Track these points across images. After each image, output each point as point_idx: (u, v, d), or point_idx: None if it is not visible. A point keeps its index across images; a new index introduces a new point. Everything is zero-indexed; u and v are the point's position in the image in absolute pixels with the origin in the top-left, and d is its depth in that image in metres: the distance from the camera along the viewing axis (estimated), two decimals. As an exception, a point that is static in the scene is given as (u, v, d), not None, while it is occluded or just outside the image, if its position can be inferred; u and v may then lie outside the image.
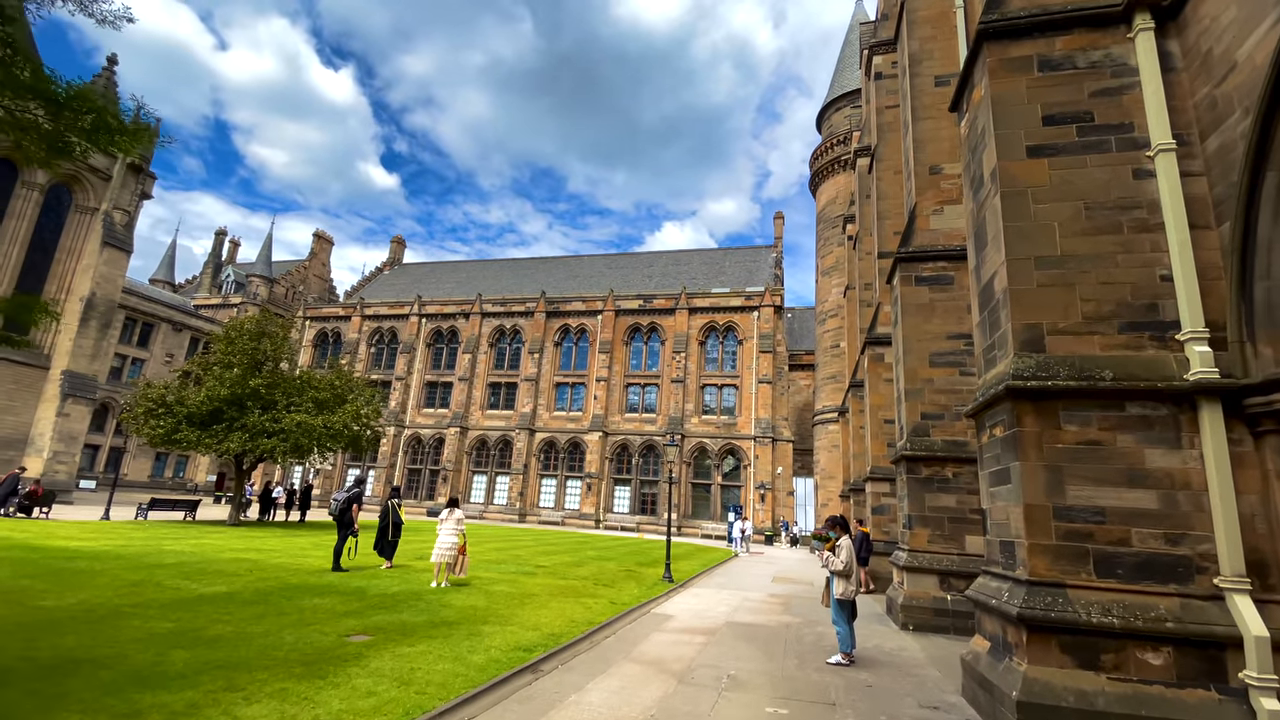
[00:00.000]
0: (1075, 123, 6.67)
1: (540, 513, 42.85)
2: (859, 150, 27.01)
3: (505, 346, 47.84)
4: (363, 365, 49.26)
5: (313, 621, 8.11)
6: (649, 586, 14.48)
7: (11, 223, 26.86)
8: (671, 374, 42.84)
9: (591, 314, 46.08)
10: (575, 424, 43.86)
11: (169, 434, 20.92)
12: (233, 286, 57.64)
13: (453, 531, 12.25)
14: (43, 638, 6.21)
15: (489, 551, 19.06)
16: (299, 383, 23.97)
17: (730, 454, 40.96)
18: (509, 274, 56.92)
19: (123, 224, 30.17)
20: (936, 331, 12.22)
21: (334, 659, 6.50)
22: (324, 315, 51.61)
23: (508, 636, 8.26)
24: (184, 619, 7.64)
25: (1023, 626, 5.44)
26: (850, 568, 8.35)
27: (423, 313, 48.92)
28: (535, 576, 14.31)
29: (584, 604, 11.22)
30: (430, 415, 47.21)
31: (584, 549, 22.38)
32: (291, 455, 22.98)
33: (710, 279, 49.27)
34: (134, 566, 11.03)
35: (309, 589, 10.46)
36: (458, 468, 44.61)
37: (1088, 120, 6.62)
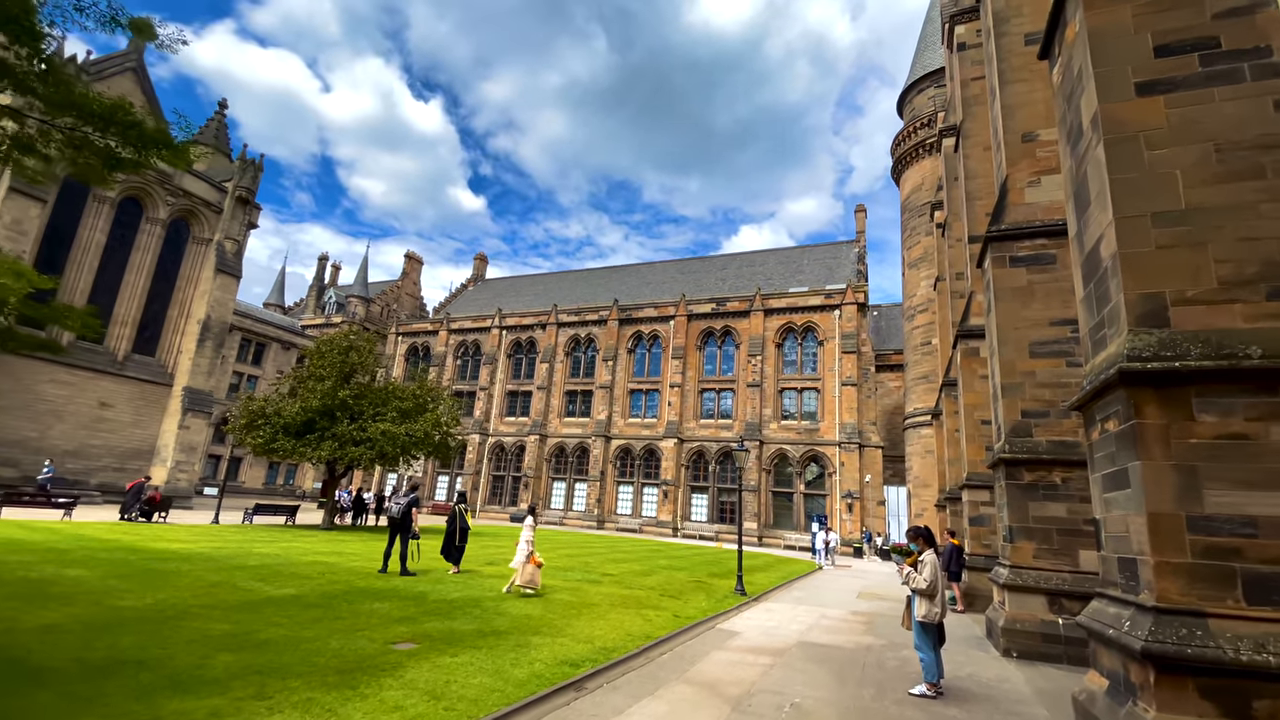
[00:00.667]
0: (1196, 51, 5.47)
1: (618, 519, 42.75)
2: (944, 130, 25.09)
3: (580, 355, 48.38)
4: (450, 377, 51.40)
5: (364, 627, 8.07)
6: (718, 599, 13.72)
7: (138, 255, 30.13)
8: (747, 378, 41.60)
9: (663, 320, 45.71)
10: (650, 431, 43.52)
11: (267, 443, 22.44)
12: (334, 307, 62.09)
13: (523, 540, 12.09)
14: (104, 638, 6.43)
15: (559, 558, 18.93)
16: (384, 393, 25.08)
17: (813, 461, 39.12)
18: (583, 284, 57.69)
19: (233, 252, 33.09)
20: (1036, 318, 10.77)
21: (372, 668, 6.33)
22: (414, 330, 54.43)
23: (557, 649, 7.86)
24: (243, 621, 7.80)
25: (1149, 664, 4.37)
26: (935, 586, 7.32)
27: (503, 325, 50.45)
28: (600, 585, 13.93)
29: (644, 616, 10.68)
30: (511, 423, 48.46)
31: (656, 558, 21.85)
32: (378, 462, 24.03)
33: (787, 279, 47.59)
34: (218, 568, 11.64)
35: (372, 593, 10.58)
36: (538, 474, 45.42)
37: (1212, 47, 5.41)
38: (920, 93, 42.87)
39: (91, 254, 28.41)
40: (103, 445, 27.93)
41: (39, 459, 25.67)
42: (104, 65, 32.29)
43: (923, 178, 41.60)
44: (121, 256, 29.67)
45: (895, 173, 46.03)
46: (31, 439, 25.65)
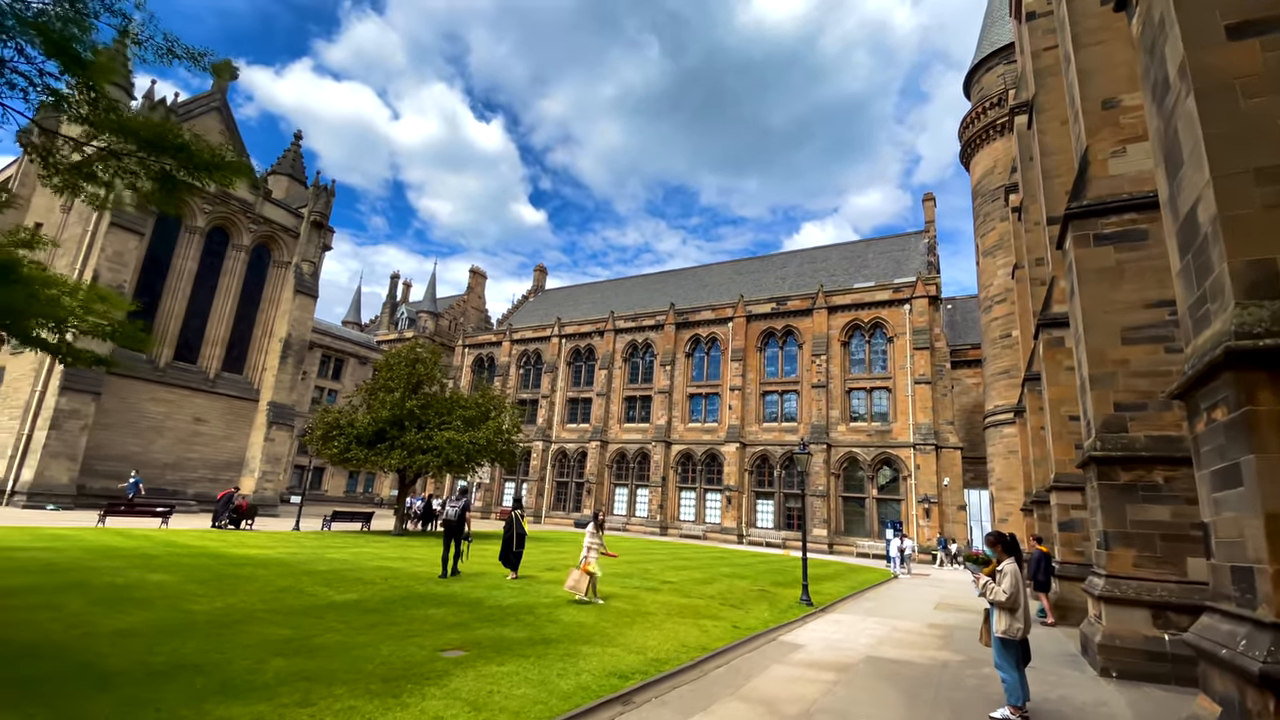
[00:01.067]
0: (1289, -12, 4.70)
1: (681, 526, 42.29)
2: (1016, 108, 23.48)
3: (638, 361, 48.37)
4: (513, 385, 52.59)
5: (417, 633, 8.12)
6: (782, 610, 13.13)
7: (225, 279, 32.46)
8: (812, 379, 40.29)
9: (721, 322, 45.03)
10: (711, 435, 42.88)
11: (341, 453, 23.51)
12: (406, 322, 64.96)
13: (584, 547, 11.96)
14: (170, 642, 6.72)
15: (618, 565, 18.75)
16: (449, 402, 25.82)
17: (886, 464, 37.35)
18: (640, 290, 57.76)
19: (309, 273, 35.13)
20: (1128, 300, 9.71)
21: (417, 676, 6.31)
22: (479, 342, 56.12)
23: (607, 660, 7.64)
24: (303, 626, 8.01)
25: (1268, 690, 3.69)
26: (1016, 598, 6.61)
27: (562, 333, 51.17)
28: (658, 593, 13.64)
29: (702, 626, 10.31)
30: (573, 430, 48.98)
31: (718, 565, 21.33)
32: (446, 469, 24.74)
33: (851, 274, 45.89)
34: (288, 573, 12.14)
35: (430, 598, 10.72)
36: (600, 480, 45.63)
37: (1306, -18, 4.64)
38: (989, 71, 40.45)
39: (184, 281, 30.84)
40: (198, 458, 30.17)
41: (145, 472, 27.97)
42: (191, 106, 35.08)
43: (994, 160, 39.17)
44: (211, 282, 32.07)
45: (964, 157, 43.61)
46: (136, 453, 28.01)
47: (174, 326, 30.45)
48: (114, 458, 27.32)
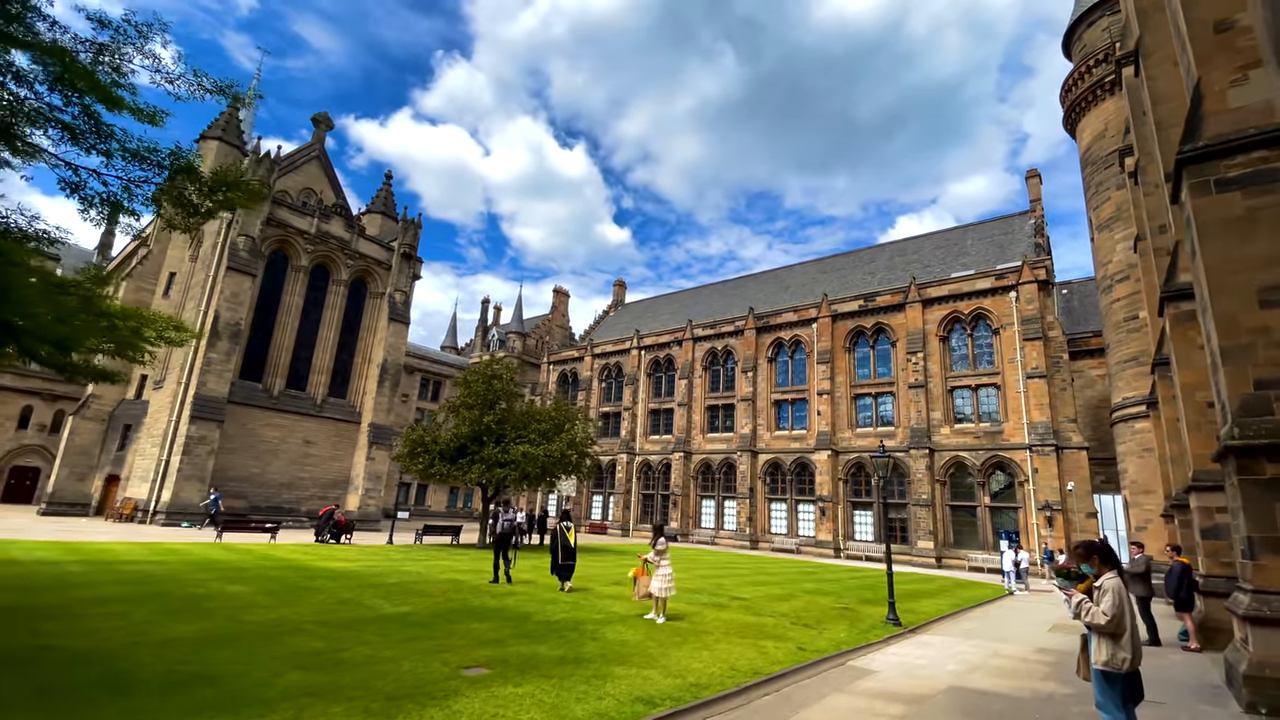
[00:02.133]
0: None
1: (772, 539, 40.52)
2: (1122, 59, 20.81)
3: (719, 369, 47.28)
4: (596, 399, 53.14)
5: (449, 649, 7.93)
6: (863, 630, 11.89)
7: (328, 312, 35.21)
8: (908, 379, 37.46)
9: (804, 323, 43.07)
10: (799, 443, 40.90)
11: (426, 469, 24.48)
12: (497, 344, 67.79)
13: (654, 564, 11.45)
14: (205, 652, 6.90)
15: (693, 579, 17.99)
16: (525, 416, 26.27)
17: (998, 469, 33.85)
18: (719, 297, 56.70)
19: (401, 302, 37.39)
20: (1264, 254, 7.93)
21: (425, 695, 6.04)
22: (563, 359, 57.37)
23: (638, 683, 7.04)
24: (340, 639, 8.05)
25: None
26: (1120, 621, 5.33)
27: (641, 345, 51.15)
28: (725, 610, 12.80)
29: (761, 648, 9.43)
30: (656, 441, 48.59)
31: (803, 581, 19.96)
32: (523, 483, 25.10)
33: (948, 263, 42.46)
34: (355, 586, 12.51)
35: (479, 612, 10.59)
36: (685, 492, 44.82)
37: None
38: (1090, 25, 36.19)
39: (293, 315, 33.77)
40: (309, 477, 32.70)
41: (263, 491, 30.67)
42: (295, 157, 38.64)
43: (1104, 123, 34.86)
44: (315, 315, 34.91)
45: (1070, 123, 39.17)
46: (256, 474, 30.78)
47: (285, 358, 33.35)
48: (237, 478, 30.17)
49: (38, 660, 6.29)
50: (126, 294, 34.48)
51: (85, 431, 31.66)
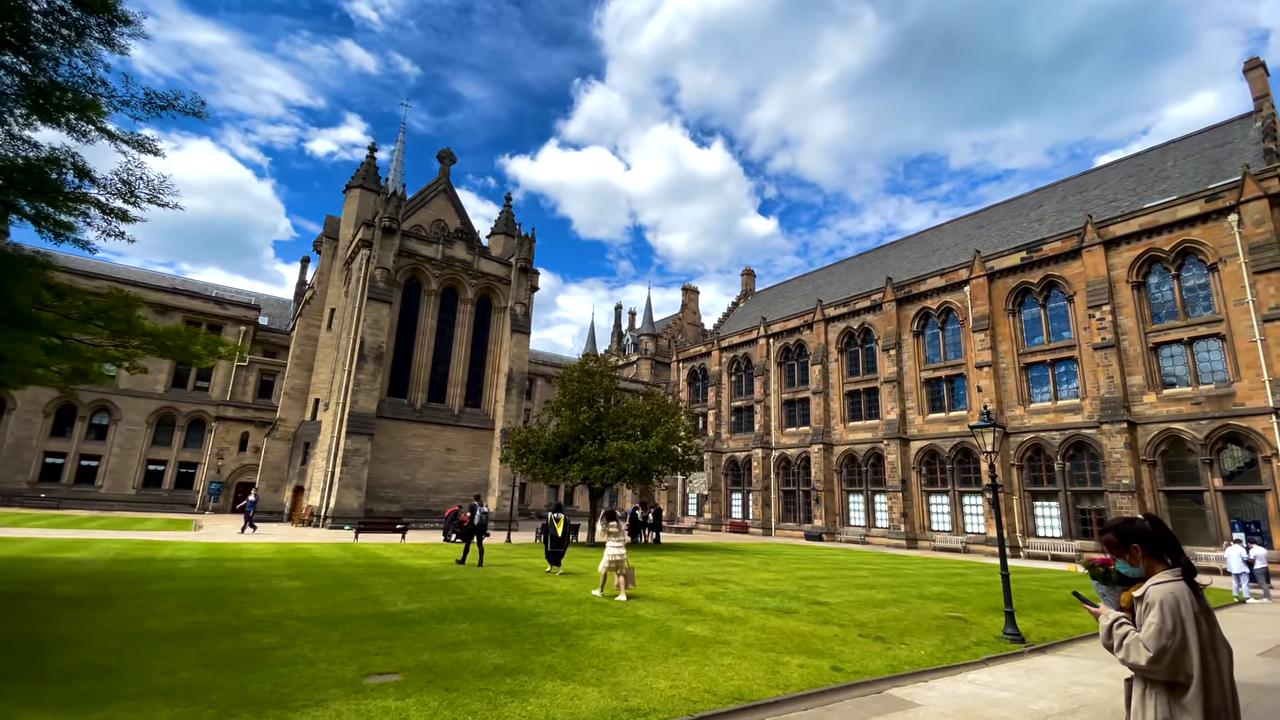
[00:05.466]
0: None
1: (933, 537, 35.44)
2: None
3: (857, 350, 42.80)
4: (727, 393, 51.23)
5: (393, 652, 7.32)
6: (958, 647, 9.30)
7: (459, 329, 37.95)
8: (1092, 338, 30.60)
9: (954, 288, 37.31)
10: (958, 426, 35.35)
11: (530, 469, 24.94)
12: (631, 347, 68.82)
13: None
14: (170, 645, 6.98)
15: (787, 581, 15.85)
16: (623, 413, 25.72)
17: (1230, 442, 26.11)
18: (856, 272, 51.63)
19: (521, 314, 39.19)
20: None
21: (286, 703, 5.39)
22: (691, 355, 56.28)
23: (557, 703, 5.84)
24: (301, 635, 7.84)
25: None
26: (1180, 663, 2.96)
27: (768, 333, 48.25)
28: (784, 616, 10.84)
29: (777, 665, 7.59)
30: (792, 434, 45.34)
31: (929, 585, 16.70)
32: (623, 480, 24.53)
33: (1140, 193, 34.14)
34: (403, 583, 12.64)
35: (485, 612, 9.95)
36: (828, 487, 41.11)
37: None
38: None
39: (428, 335, 36.92)
40: (452, 482, 35.34)
41: (413, 495, 33.70)
42: (426, 193, 42.43)
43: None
44: (448, 333, 37.84)
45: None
46: (406, 481, 33.97)
47: (424, 374, 36.54)
48: (390, 485, 33.52)
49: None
50: (300, 330, 40.38)
51: (275, 450, 37.49)
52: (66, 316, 9.57)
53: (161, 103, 8.60)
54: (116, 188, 7.75)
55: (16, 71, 8.39)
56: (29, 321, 7.75)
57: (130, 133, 8.82)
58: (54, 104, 8.30)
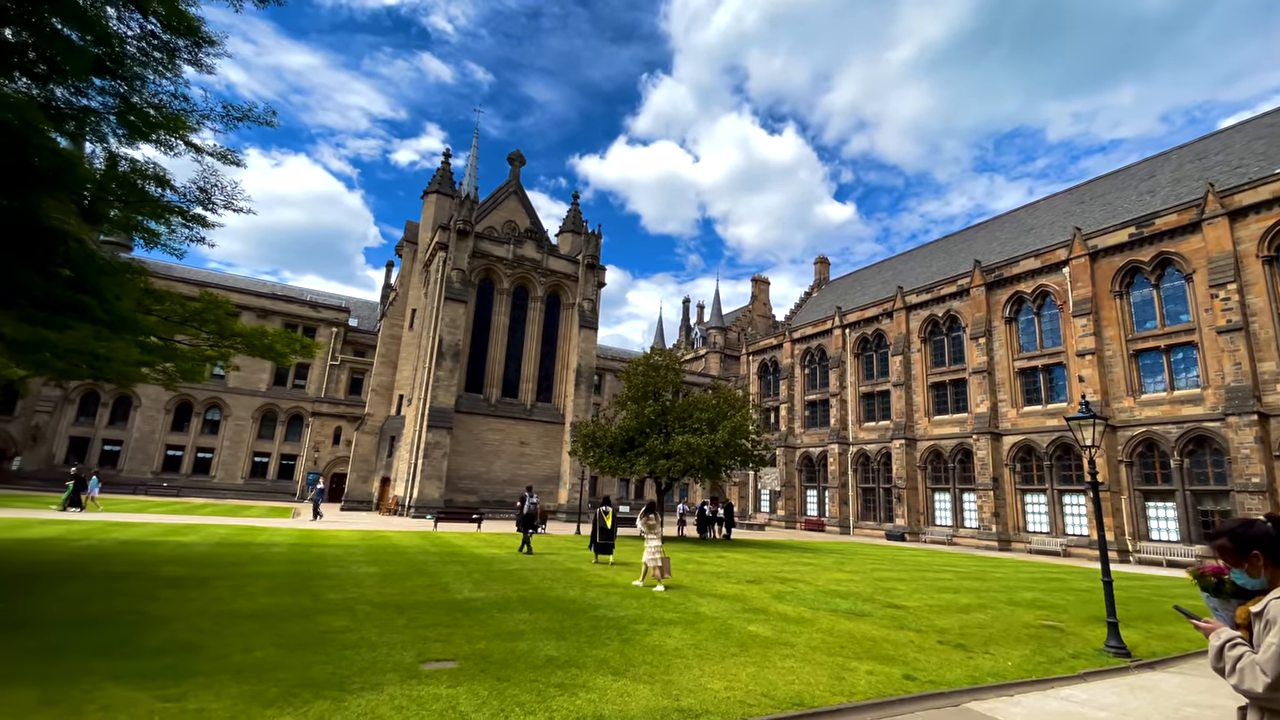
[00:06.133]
0: None
1: (1029, 539, 32.90)
2: None
3: (942, 338, 40.33)
4: (800, 387, 49.71)
5: (452, 639, 7.44)
6: (1053, 659, 8.50)
7: (529, 327, 38.87)
8: (1215, 321, 27.35)
9: (1051, 269, 34.39)
10: (1056, 420, 32.59)
11: (597, 462, 25.11)
12: (700, 341, 68.19)
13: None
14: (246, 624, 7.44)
15: (863, 582, 15.10)
16: (689, 406, 25.43)
17: (1396, 436, 22.59)
18: (939, 256, 48.66)
19: (589, 310, 39.62)
20: None
21: (345, 685, 5.56)
22: (761, 348, 54.99)
23: (606, 699, 5.70)
24: (368, 620, 8.12)
25: None
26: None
27: (844, 324, 46.35)
28: (856, 619, 10.27)
29: (844, 670, 7.15)
30: (871, 429, 43.38)
31: (1014, 591, 15.40)
32: (689, 474, 24.28)
33: (1270, 157, 30.12)
34: (471, 571, 12.96)
35: (547, 603, 10.00)
36: (911, 484, 39.04)
37: None
38: None
39: (501, 333, 38.03)
40: (525, 474, 36.26)
41: (489, 487, 34.87)
42: (498, 195, 43.69)
43: None
44: (520, 330, 38.86)
45: None
46: (482, 473, 35.18)
47: (498, 370, 37.69)
48: (468, 477, 34.84)
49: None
50: (384, 330, 42.66)
51: (364, 443, 39.82)
52: (165, 319, 10.36)
53: (237, 114, 9.13)
54: (195, 195, 8.31)
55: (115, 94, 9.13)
56: (128, 324, 8.45)
57: (215, 146, 9.46)
58: (148, 122, 8.98)
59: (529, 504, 18.94)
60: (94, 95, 8.42)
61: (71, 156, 7.35)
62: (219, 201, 8.53)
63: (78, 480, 24.32)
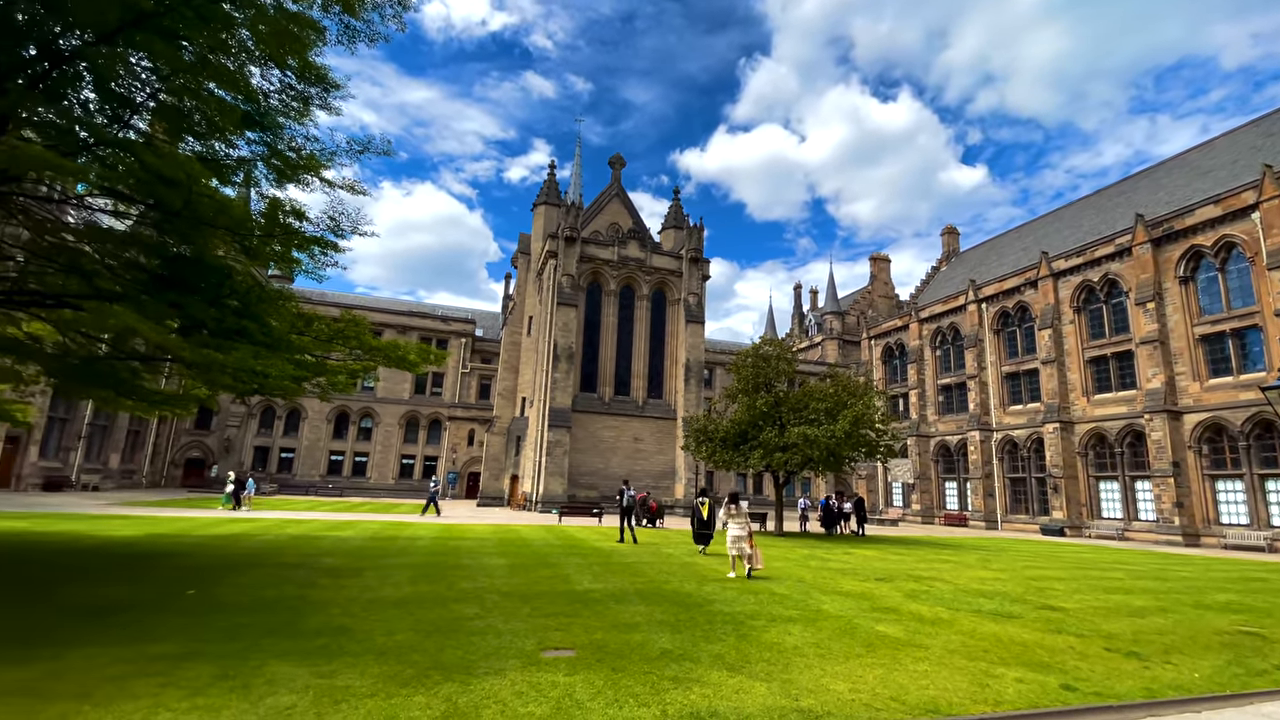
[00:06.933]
0: None
1: (1222, 532, 28.11)
2: None
3: (1100, 306, 35.58)
4: (931, 370, 46.13)
5: (570, 628, 7.67)
6: (1254, 672, 7.25)
7: (637, 325, 39.47)
8: None
9: (1237, 216, 29.15)
10: (1250, 394, 27.55)
11: (710, 456, 24.89)
12: (815, 328, 65.48)
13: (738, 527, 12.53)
14: (386, 611, 8.16)
15: (1013, 581, 13.70)
16: (803, 397, 24.51)
17: None
18: (1090, 215, 42.94)
19: (694, 304, 39.45)
20: None
21: (469, 670, 5.90)
22: (884, 331, 51.65)
23: (721, 695, 5.59)
24: (494, 608, 8.59)
25: None
26: None
27: (979, 298, 42.33)
28: (1008, 620, 9.35)
29: (987, 677, 6.51)
30: (1018, 413, 39.23)
31: (1203, 593, 13.13)
32: (810, 467, 23.39)
33: None
34: (592, 564, 13.35)
35: (663, 596, 10.04)
36: (1069, 473, 34.85)
37: None
38: None
39: (610, 332, 38.97)
40: (641, 470, 36.88)
41: (607, 483, 35.85)
42: (601, 199, 44.81)
43: None
44: (628, 329, 39.58)
45: None
46: (600, 469, 36.24)
47: (610, 369, 38.67)
48: (588, 473, 36.07)
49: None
50: (505, 337, 45.27)
51: (494, 444, 42.53)
52: (315, 338, 11.64)
53: (359, 147, 10.05)
54: (326, 224, 9.25)
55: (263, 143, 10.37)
56: (283, 344, 9.61)
57: (345, 178, 10.49)
58: (290, 165, 10.13)
59: (627, 496, 19.97)
60: (244, 146, 9.64)
61: (226, 200, 8.45)
62: (347, 228, 9.45)
63: (238, 482, 27.55)
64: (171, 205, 7.89)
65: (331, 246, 9.45)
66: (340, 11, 9.21)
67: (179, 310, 8.64)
